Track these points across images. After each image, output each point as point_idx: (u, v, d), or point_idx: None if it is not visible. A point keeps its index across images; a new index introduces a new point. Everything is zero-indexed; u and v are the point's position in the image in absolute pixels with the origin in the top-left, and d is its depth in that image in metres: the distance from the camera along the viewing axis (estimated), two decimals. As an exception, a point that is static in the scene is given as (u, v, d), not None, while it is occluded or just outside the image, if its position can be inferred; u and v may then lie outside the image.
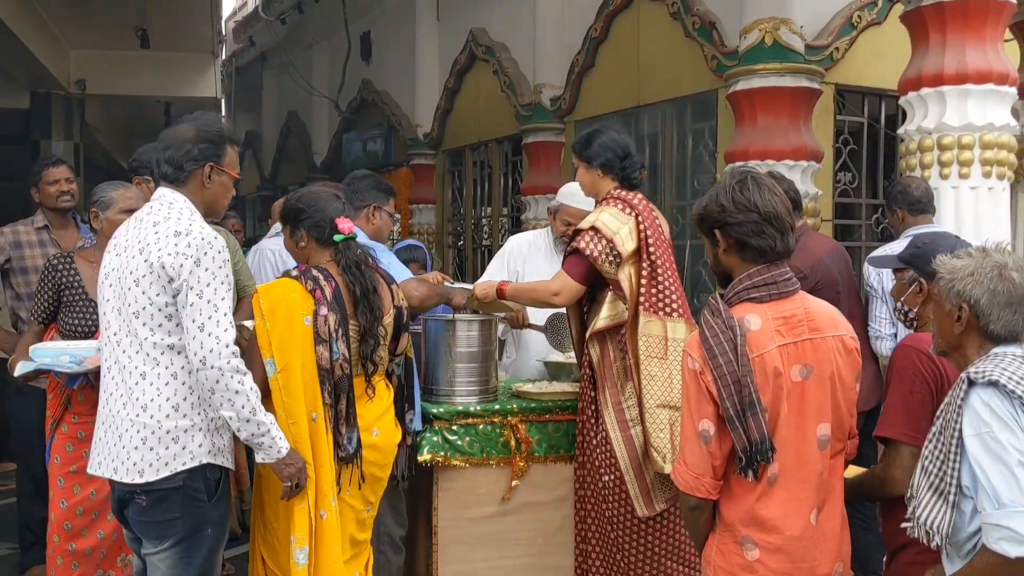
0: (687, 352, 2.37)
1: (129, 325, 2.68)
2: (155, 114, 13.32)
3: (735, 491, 2.34)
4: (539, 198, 8.36)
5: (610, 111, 7.66)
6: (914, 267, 2.67)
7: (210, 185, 2.82)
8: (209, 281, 2.63)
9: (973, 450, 2.04)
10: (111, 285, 2.76)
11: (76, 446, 3.61)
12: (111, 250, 2.81)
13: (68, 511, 3.59)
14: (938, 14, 4.77)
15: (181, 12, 9.40)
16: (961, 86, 4.70)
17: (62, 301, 3.72)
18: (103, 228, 3.63)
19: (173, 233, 2.65)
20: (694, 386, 2.32)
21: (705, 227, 2.47)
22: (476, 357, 3.75)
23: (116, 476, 2.68)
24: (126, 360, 2.69)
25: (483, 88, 9.56)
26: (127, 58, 10.74)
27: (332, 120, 13.69)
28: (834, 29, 6.08)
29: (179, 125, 2.87)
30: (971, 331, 2.20)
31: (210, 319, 2.61)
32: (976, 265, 2.19)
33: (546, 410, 3.80)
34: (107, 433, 2.72)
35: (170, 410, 2.66)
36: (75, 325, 3.70)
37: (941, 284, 2.24)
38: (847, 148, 6.35)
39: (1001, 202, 4.83)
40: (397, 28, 11.38)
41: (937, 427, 2.16)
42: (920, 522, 2.15)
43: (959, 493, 2.08)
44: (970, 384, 2.09)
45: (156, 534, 2.69)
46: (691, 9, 6.54)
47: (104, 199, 3.66)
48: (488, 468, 3.72)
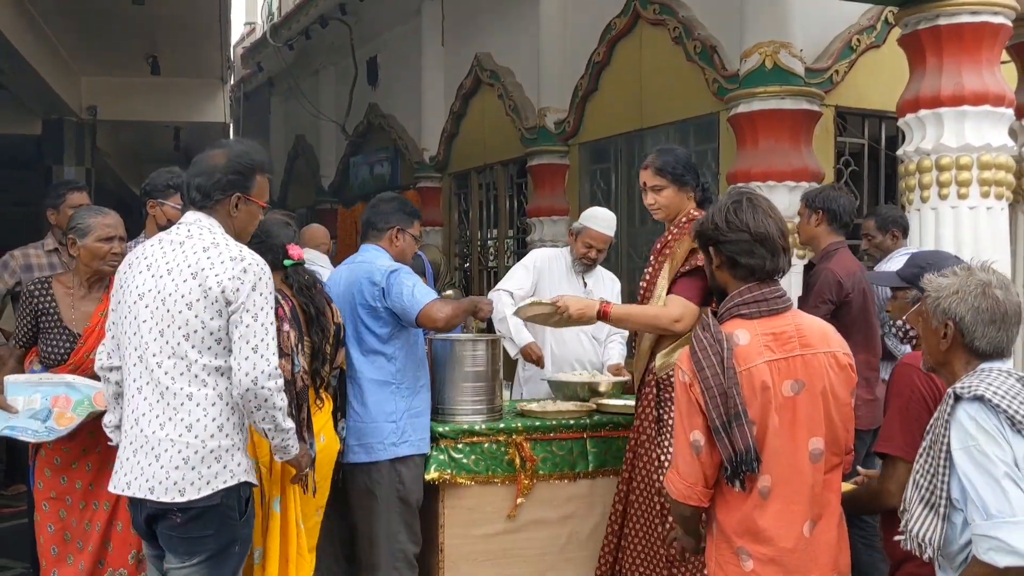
0: (678, 366, 2.47)
1: (176, 347, 2.70)
2: (164, 139, 13.46)
3: (730, 502, 2.40)
4: (544, 220, 8.44)
5: (614, 134, 7.76)
6: (916, 286, 2.73)
7: (236, 214, 2.86)
8: (263, 305, 2.71)
9: (961, 463, 2.10)
10: (148, 306, 2.74)
11: (54, 472, 3.59)
12: (143, 271, 2.78)
13: (55, 536, 3.57)
14: (935, 37, 4.85)
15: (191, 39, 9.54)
16: (958, 108, 4.77)
17: (39, 327, 3.65)
18: (80, 255, 3.60)
19: (229, 259, 2.70)
20: (684, 398, 2.42)
21: (702, 243, 2.60)
22: (482, 376, 3.81)
23: (152, 495, 2.68)
24: (169, 381, 2.69)
25: (488, 112, 9.67)
26: (137, 84, 10.89)
27: (339, 144, 13.82)
28: (834, 52, 6.16)
29: (213, 151, 2.90)
30: (957, 348, 2.26)
31: (262, 341, 2.69)
32: (961, 283, 2.25)
33: (550, 428, 3.86)
34: (136, 453, 2.72)
35: (215, 430, 2.70)
36: (50, 353, 3.63)
37: (928, 302, 2.31)
38: (848, 169, 6.42)
39: (1000, 222, 4.88)
40: (403, 54, 11.53)
41: (927, 442, 2.21)
42: (912, 535, 2.20)
43: (949, 506, 2.13)
44: (957, 399, 2.15)
45: (187, 550, 2.72)
46: (692, 34, 6.64)
47: (82, 226, 3.59)
48: (494, 486, 3.77)
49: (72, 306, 3.63)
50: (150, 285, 2.75)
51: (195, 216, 2.82)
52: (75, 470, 3.59)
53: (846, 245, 4.45)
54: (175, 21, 8.72)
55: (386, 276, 3.64)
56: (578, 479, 3.90)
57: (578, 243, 4.97)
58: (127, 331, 2.80)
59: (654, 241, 3.84)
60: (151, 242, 2.86)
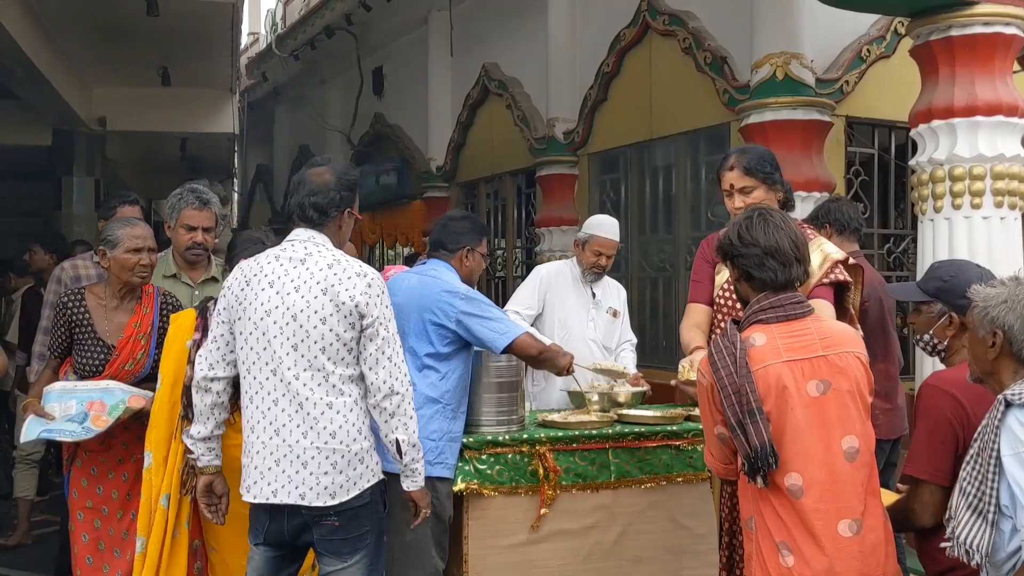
0: (699, 370, 2.59)
1: (313, 360, 2.86)
2: (171, 149, 13.52)
3: (769, 496, 2.45)
4: (553, 230, 8.48)
5: (623, 144, 7.80)
6: (943, 300, 2.76)
7: (343, 227, 3.05)
8: (390, 316, 2.95)
9: (1011, 469, 2.13)
10: (276, 322, 2.87)
11: (90, 481, 3.63)
12: (266, 288, 2.90)
13: (89, 545, 3.60)
14: (947, 48, 4.89)
15: (203, 50, 9.60)
16: (971, 118, 4.81)
17: (74, 339, 3.70)
18: (111, 266, 3.66)
19: (355, 274, 2.90)
20: (705, 400, 2.55)
21: (722, 259, 2.72)
22: (505, 388, 3.83)
23: (304, 501, 2.83)
24: (308, 392, 2.85)
25: (496, 122, 9.71)
26: (147, 95, 10.95)
27: (345, 154, 13.85)
28: (844, 63, 6.20)
29: (315, 169, 3.04)
30: (1005, 356, 2.29)
31: (395, 351, 2.92)
32: (1009, 293, 2.29)
33: (573, 439, 3.88)
34: (280, 463, 2.85)
35: (356, 434, 2.89)
36: (84, 364, 3.67)
37: (975, 312, 2.34)
38: (858, 179, 6.45)
39: (1013, 231, 4.92)
40: (409, 64, 11.58)
41: (975, 449, 2.25)
42: (960, 541, 2.23)
43: (998, 512, 2.16)
44: (1008, 405, 2.18)
45: (350, 549, 2.90)
46: (702, 44, 6.68)
47: (111, 238, 3.66)
48: (517, 497, 3.79)
49: (105, 317, 3.66)
50: (276, 302, 2.89)
51: (308, 234, 2.98)
52: (111, 480, 3.63)
53: (861, 255, 4.47)
54: (188, 32, 8.77)
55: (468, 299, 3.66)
56: (600, 490, 3.92)
57: (586, 253, 4.96)
58: (253, 347, 2.92)
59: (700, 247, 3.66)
60: (266, 259, 2.99)
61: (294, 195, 3.02)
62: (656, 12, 7.16)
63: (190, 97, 11.29)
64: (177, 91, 10.75)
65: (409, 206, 11.54)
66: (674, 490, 4.04)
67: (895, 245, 6.67)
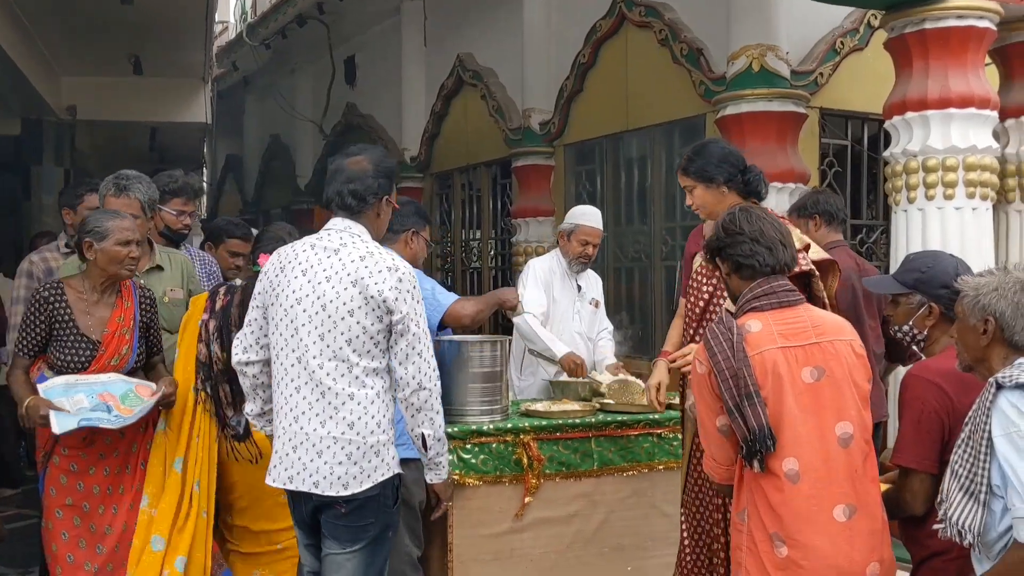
0: (696, 359, 2.61)
1: (338, 351, 2.86)
2: (140, 140, 13.36)
3: (764, 487, 2.49)
4: (529, 221, 8.50)
5: (599, 135, 7.83)
6: (921, 291, 2.80)
7: (382, 215, 3.05)
8: (420, 312, 2.92)
9: (1002, 449, 2.18)
10: (306, 311, 2.88)
11: (70, 478, 3.51)
12: (298, 276, 2.92)
13: (70, 543, 3.49)
14: (921, 41, 4.96)
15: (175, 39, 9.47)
16: (944, 110, 4.89)
17: (52, 335, 3.50)
18: (97, 259, 3.51)
19: (386, 268, 2.87)
20: (705, 388, 2.56)
21: (711, 258, 2.76)
22: (489, 377, 3.85)
23: (317, 489, 2.85)
24: (331, 382, 2.86)
25: (471, 112, 9.70)
26: (117, 84, 10.78)
27: (316, 144, 13.78)
28: (818, 55, 6.27)
29: (352, 158, 3.04)
30: (996, 343, 2.35)
31: (425, 347, 2.90)
32: (999, 281, 2.35)
33: (556, 428, 3.91)
34: (296, 450, 2.89)
35: (375, 427, 2.88)
36: (67, 361, 3.50)
37: (965, 301, 2.39)
38: (832, 170, 6.53)
39: (984, 222, 5.01)
40: (383, 53, 11.52)
41: (966, 432, 2.30)
42: (952, 522, 2.28)
43: (990, 493, 2.21)
44: (998, 387, 2.23)
45: (350, 537, 2.91)
46: (679, 36, 6.72)
47: (100, 229, 3.50)
48: (502, 486, 3.82)
49: (87, 312, 3.53)
50: (307, 291, 2.89)
51: (345, 223, 2.98)
52: (92, 476, 3.53)
53: (844, 244, 4.51)
54: (161, 20, 8.65)
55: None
56: (583, 478, 3.96)
57: (572, 243, 4.99)
58: (282, 333, 2.94)
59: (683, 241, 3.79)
60: (302, 247, 2.99)
61: (331, 184, 3.02)
62: (632, 3, 7.19)
63: (162, 86, 11.13)
64: (149, 80, 10.60)
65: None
66: (656, 478, 4.09)
67: (867, 235, 6.75)
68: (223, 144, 18.81)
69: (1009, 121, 5.52)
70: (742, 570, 2.54)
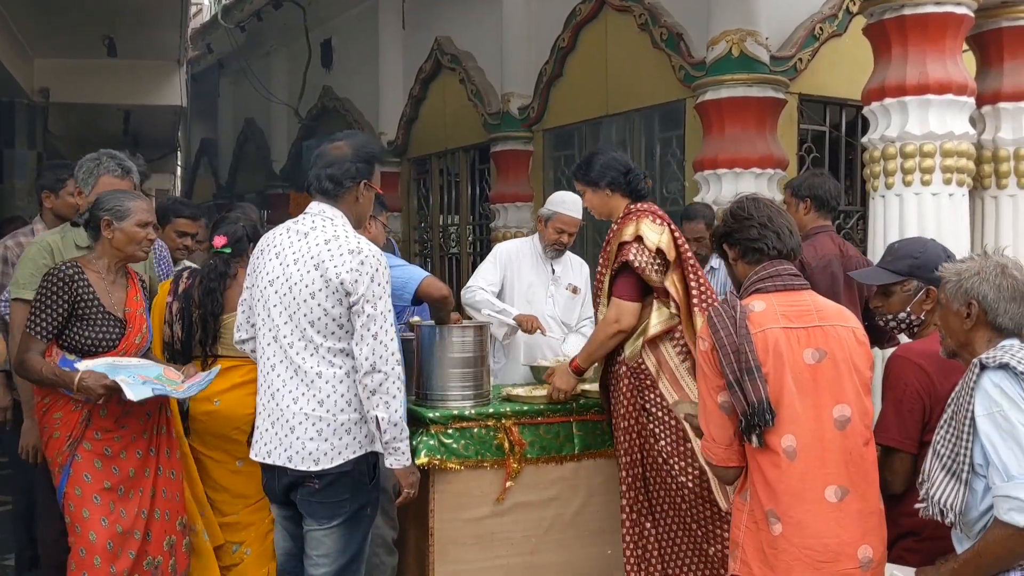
0: (699, 336, 2.64)
1: (304, 332, 2.95)
2: (114, 123, 13.18)
3: (762, 464, 2.51)
4: (508, 206, 8.48)
5: (579, 120, 7.82)
6: (918, 277, 2.85)
7: (361, 200, 3.08)
8: (381, 295, 2.93)
9: (984, 428, 2.21)
10: (277, 292, 2.99)
11: (104, 462, 3.39)
12: (272, 258, 3.02)
13: (109, 529, 3.35)
14: (900, 27, 4.97)
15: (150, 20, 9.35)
16: (922, 96, 4.91)
17: (76, 315, 3.39)
18: (115, 238, 3.43)
19: (347, 251, 2.91)
20: (707, 365, 2.57)
21: (718, 245, 2.80)
22: (470, 362, 3.84)
23: (291, 464, 2.94)
24: (300, 361, 2.95)
25: (449, 96, 9.65)
26: (91, 66, 10.64)
27: (292, 127, 13.67)
28: (797, 40, 6.29)
29: (334, 143, 3.09)
30: (980, 326, 2.37)
31: (382, 328, 2.90)
32: (980, 265, 2.38)
33: (538, 413, 3.91)
34: (274, 425, 2.99)
35: (344, 404, 2.95)
36: (95, 340, 3.41)
37: (948, 287, 2.42)
38: (810, 156, 6.56)
39: (961, 208, 5.05)
40: (359, 36, 11.43)
41: (949, 413, 2.33)
42: (934, 501, 2.31)
43: (971, 472, 2.24)
44: (982, 368, 2.26)
45: (327, 514, 2.98)
46: (658, 20, 6.71)
47: (120, 208, 3.43)
48: (483, 470, 3.81)
49: (107, 291, 3.45)
50: (278, 272, 3.00)
51: (320, 207, 3.03)
52: (124, 459, 3.42)
53: (831, 229, 4.53)
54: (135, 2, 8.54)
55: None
56: (564, 462, 3.96)
57: (549, 229, 4.99)
58: (260, 313, 3.07)
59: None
60: (281, 230, 3.09)
61: (312, 168, 3.06)
62: (612, -13, 7.17)
63: (136, 69, 11.00)
64: (123, 63, 10.48)
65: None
66: (636, 462, 4.09)
67: (844, 221, 6.80)
68: (197, 127, 18.63)
69: (986, 107, 5.56)
70: (739, 548, 2.56)
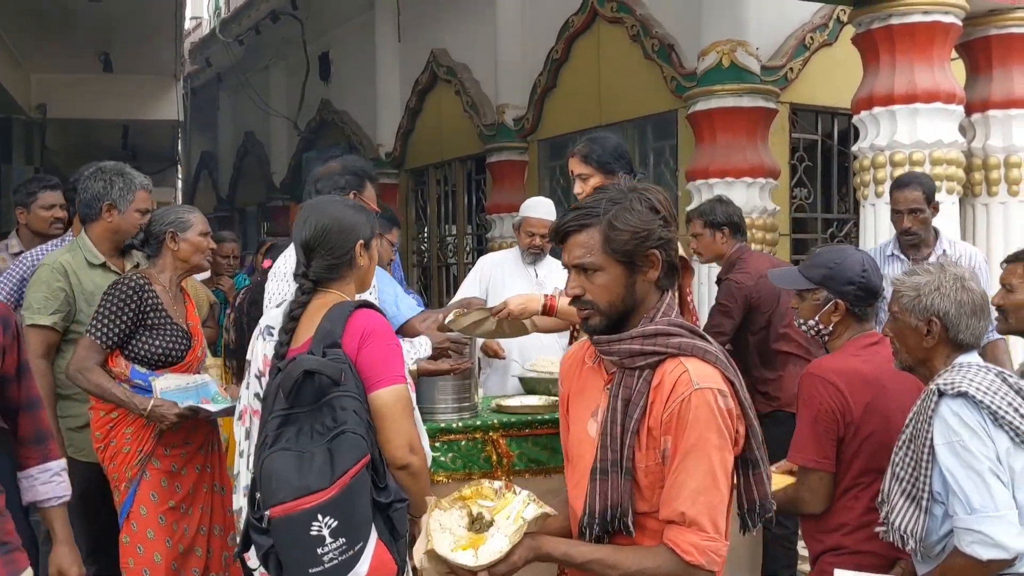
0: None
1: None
2: (112, 137, 13.24)
3: None
4: (504, 216, 8.49)
5: (573, 130, 7.82)
6: (828, 287, 2.73)
7: None
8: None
9: (944, 458, 2.17)
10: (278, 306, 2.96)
11: (170, 479, 3.36)
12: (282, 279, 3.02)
13: (174, 551, 3.33)
14: (888, 36, 4.99)
15: (145, 35, 9.41)
16: (911, 105, 4.93)
17: (145, 325, 3.35)
18: (181, 249, 3.45)
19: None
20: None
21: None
22: (458, 375, 3.84)
23: None
24: None
25: (445, 108, 9.68)
26: (88, 82, 10.70)
27: (291, 140, 13.72)
28: (788, 50, 6.30)
29: (328, 163, 3.29)
30: (941, 343, 2.32)
31: None
32: (938, 280, 2.32)
33: (526, 424, 3.90)
34: None
35: None
36: (165, 350, 3.38)
37: (904, 301, 2.36)
38: (802, 165, 6.57)
39: (951, 215, 5.05)
40: (357, 49, 11.47)
41: (907, 435, 2.29)
42: (895, 528, 2.27)
43: (931, 499, 2.21)
44: (940, 395, 2.21)
45: None
46: (650, 31, 6.73)
47: (182, 220, 3.46)
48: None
49: (172, 304, 3.45)
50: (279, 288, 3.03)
51: None
52: (185, 476, 3.41)
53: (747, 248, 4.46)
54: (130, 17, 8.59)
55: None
56: (552, 474, 3.94)
57: (522, 234, 5.02)
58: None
59: None
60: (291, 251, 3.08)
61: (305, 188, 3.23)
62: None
63: (133, 83, 11.06)
64: (119, 77, 10.53)
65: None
66: (625, 473, 4.08)
67: (838, 229, 6.80)
68: (198, 141, 18.68)
69: (975, 115, 5.57)
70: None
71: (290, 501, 2.11)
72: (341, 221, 2.47)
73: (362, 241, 2.49)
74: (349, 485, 2.14)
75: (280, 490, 2.12)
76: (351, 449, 2.17)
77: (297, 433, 2.20)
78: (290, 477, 2.12)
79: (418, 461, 2.37)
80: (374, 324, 2.37)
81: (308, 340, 2.33)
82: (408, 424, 2.36)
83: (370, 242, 2.54)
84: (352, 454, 2.16)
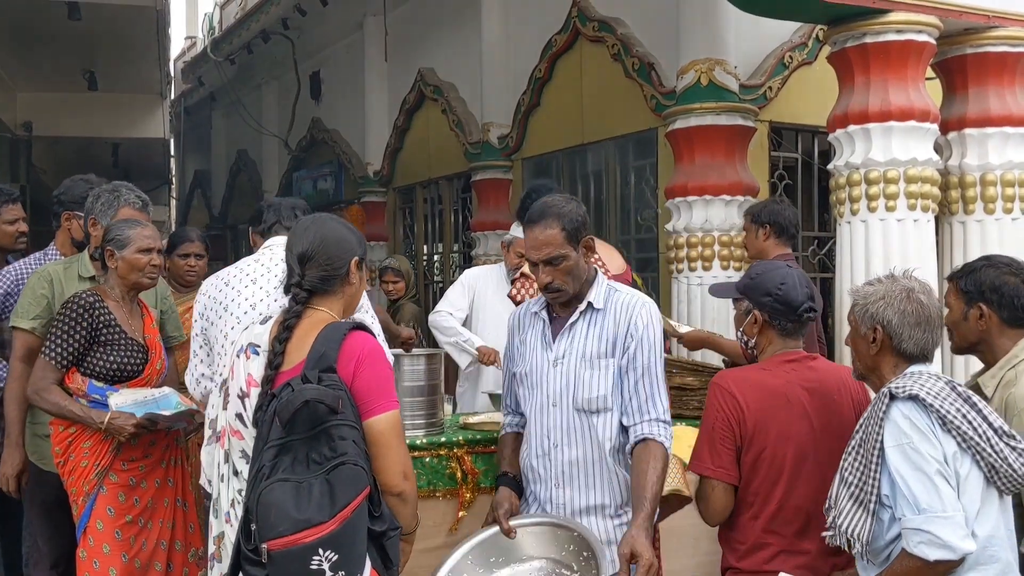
0: None
1: None
2: (103, 155, 13.27)
3: None
4: (489, 234, 8.50)
5: (556, 149, 7.86)
6: (748, 297, 2.73)
7: None
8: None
9: (894, 460, 2.19)
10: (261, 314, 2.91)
11: (128, 493, 3.38)
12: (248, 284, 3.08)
13: (128, 566, 3.33)
14: (862, 55, 5.00)
15: (128, 55, 9.45)
16: (885, 123, 4.92)
17: (99, 341, 3.39)
18: (119, 267, 3.47)
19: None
20: None
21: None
22: (422, 391, 3.82)
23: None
24: None
25: (432, 126, 9.71)
26: (74, 100, 10.75)
27: (282, 158, 13.75)
28: (767, 69, 6.31)
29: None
30: (886, 351, 2.36)
31: None
32: (886, 290, 2.37)
33: (492, 441, 3.87)
34: None
35: None
36: (121, 365, 3.42)
37: (856, 310, 2.41)
38: (782, 183, 6.57)
39: (926, 233, 5.04)
40: (346, 68, 11.53)
41: (856, 440, 2.30)
42: (841, 531, 2.28)
43: (878, 502, 2.21)
44: (892, 398, 2.23)
45: None
46: (630, 51, 6.75)
47: (120, 238, 3.47)
48: (435, 500, 3.77)
49: (126, 319, 3.46)
50: (261, 296, 3.05)
51: (280, 239, 3.13)
52: (144, 489, 3.41)
53: (791, 257, 4.52)
54: (112, 37, 8.63)
55: None
56: (519, 491, 3.92)
57: (511, 254, 5.02)
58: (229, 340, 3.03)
59: None
60: (245, 262, 3.16)
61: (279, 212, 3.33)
62: (586, 18, 7.22)
63: (119, 102, 11.10)
64: (105, 96, 10.58)
65: (347, 211, 11.48)
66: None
67: (819, 247, 6.80)
68: (191, 159, 18.73)
69: (951, 134, 5.56)
70: None
71: (290, 535, 2.09)
72: (340, 235, 2.52)
73: (357, 258, 2.52)
74: (350, 519, 2.14)
75: (280, 523, 2.11)
76: (351, 481, 2.16)
77: (293, 462, 2.19)
78: (289, 509, 2.11)
79: (411, 488, 2.40)
80: (368, 348, 2.38)
81: (301, 363, 2.32)
82: (403, 451, 2.39)
83: (362, 263, 2.56)
84: (353, 487, 2.16)
